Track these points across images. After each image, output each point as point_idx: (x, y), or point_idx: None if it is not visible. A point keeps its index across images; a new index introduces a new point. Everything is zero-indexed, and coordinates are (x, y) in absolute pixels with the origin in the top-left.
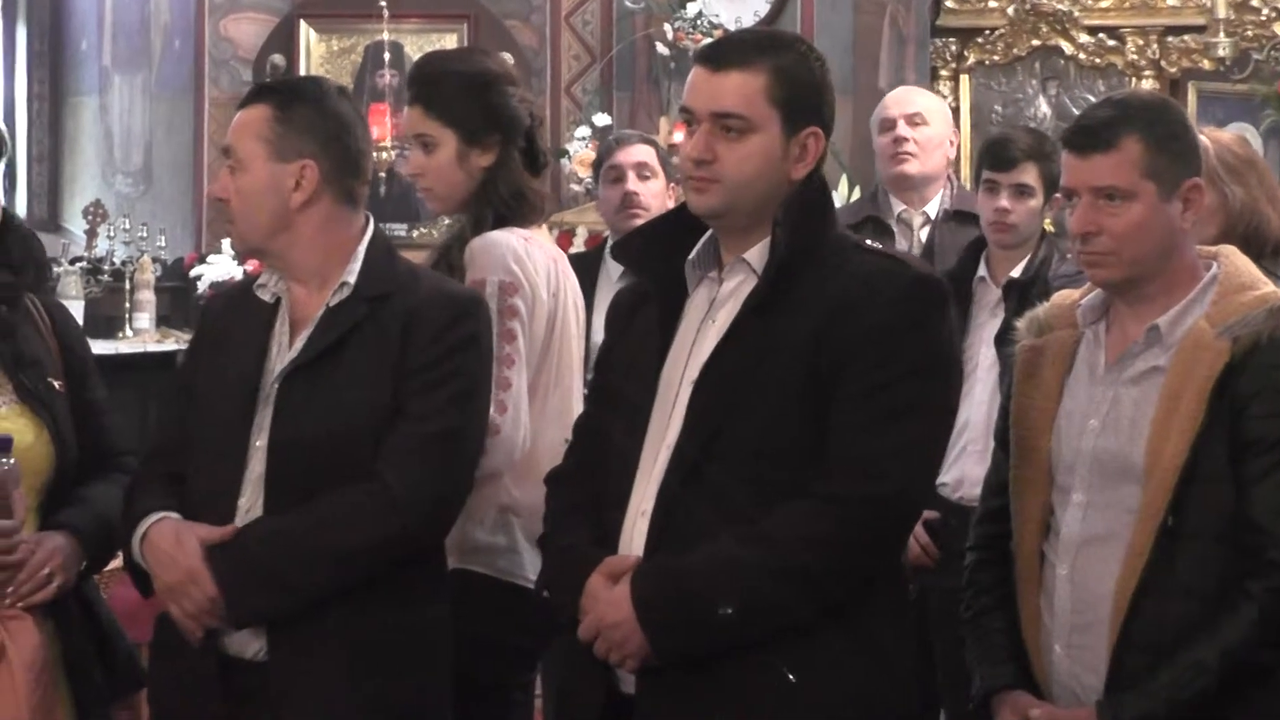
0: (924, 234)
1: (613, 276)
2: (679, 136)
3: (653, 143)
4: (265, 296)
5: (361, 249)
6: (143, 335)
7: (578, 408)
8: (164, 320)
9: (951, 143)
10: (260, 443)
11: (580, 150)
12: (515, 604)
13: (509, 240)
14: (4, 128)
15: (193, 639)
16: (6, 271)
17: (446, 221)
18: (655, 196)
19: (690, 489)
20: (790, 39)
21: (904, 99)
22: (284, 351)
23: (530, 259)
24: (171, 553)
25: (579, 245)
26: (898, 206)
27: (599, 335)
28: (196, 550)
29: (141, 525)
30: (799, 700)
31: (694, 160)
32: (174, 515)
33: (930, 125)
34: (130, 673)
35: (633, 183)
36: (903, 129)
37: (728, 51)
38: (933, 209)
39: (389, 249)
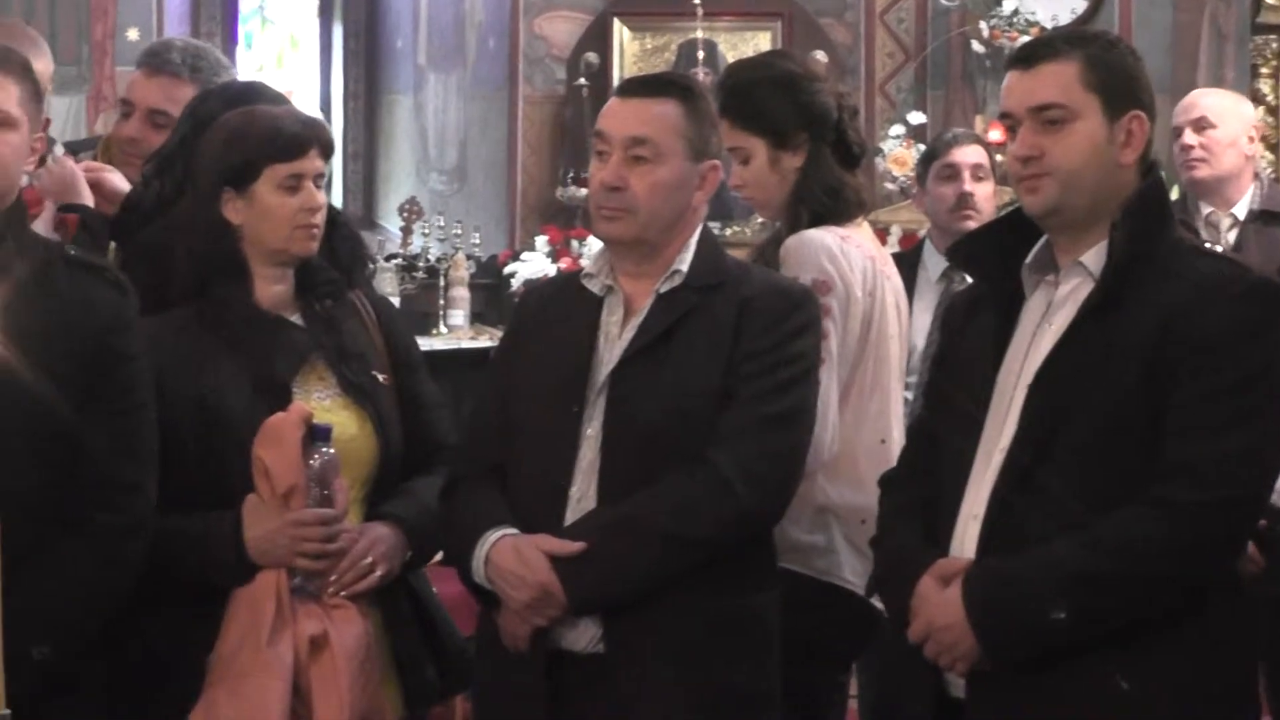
0: (1232, 236)
1: (932, 277)
2: (994, 135)
3: (985, 144)
4: (594, 288)
5: (693, 240)
6: (457, 332)
7: (897, 408)
8: (478, 317)
9: (1250, 139)
10: (592, 431)
11: (894, 149)
12: (832, 604)
13: (823, 239)
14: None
15: (517, 646)
16: (333, 268)
17: (760, 220)
18: (987, 199)
19: (1022, 493)
20: (1096, 32)
21: (1188, 105)
22: (613, 341)
23: (845, 257)
24: (519, 572)
25: (893, 244)
26: (1205, 209)
27: (918, 336)
28: (544, 563)
29: (481, 547)
30: (1131, 707)
31: (1022, 159)
32: (511, 531)
33: (1218, 127)
34: (462, 669)
35: (968, 184)
36: (1188, 136)
37: (1036, 49)
38: (1241, 210)
39: (715, 243)
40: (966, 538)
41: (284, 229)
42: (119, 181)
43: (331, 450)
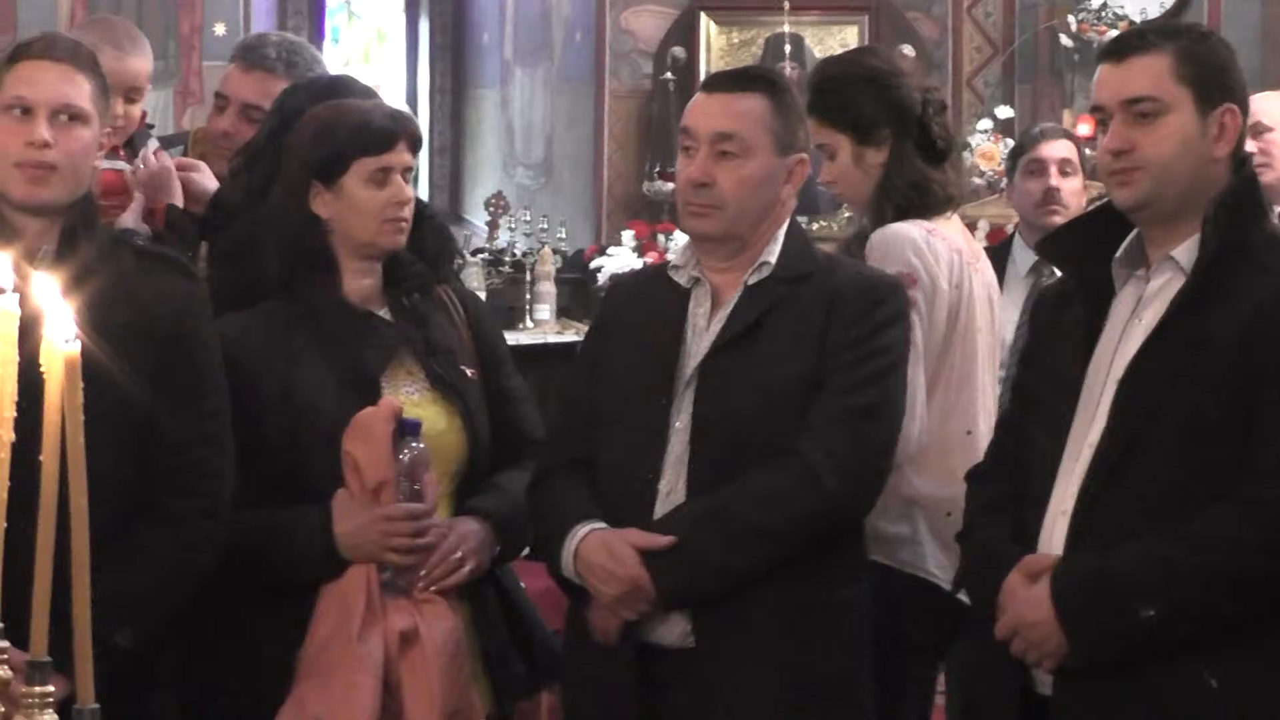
0: None
1: (1020, 271)
2: (1083, 129)
3: (1073, 138)
4: (682, 279)
5: (781, 232)
6: (543, 326)
7: (985, 401)
8: (564, 312)
9: None
10: (680, 423)
11: (982, 143)
12: (917, 596)
13: (908, 232)
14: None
15: (607, 640)
16: (421, 262)
17: (847, 214)
18: (1074, 194)
19: (1111, 489)
20: (1189, 25)
21: None
22: (700, 333)
23: (931, 250)
24: (609, 567)
25: (980, 239)
26: (1276, 206)
27: (1006, 330)
28: (634, 558)
29: (570, 541)
30: (1220, 707)
31: (1113, 152)
32: (600, 525)
33: (1275, 129)
34: (549, 664)
35: (1054, 178)
36: (1248, 145)
37: (1128, 41)
38: None
39: (804, 235)
40: (1055, 533)
41: (372, 222)
42: (207, 181)
43: (421, 445)
